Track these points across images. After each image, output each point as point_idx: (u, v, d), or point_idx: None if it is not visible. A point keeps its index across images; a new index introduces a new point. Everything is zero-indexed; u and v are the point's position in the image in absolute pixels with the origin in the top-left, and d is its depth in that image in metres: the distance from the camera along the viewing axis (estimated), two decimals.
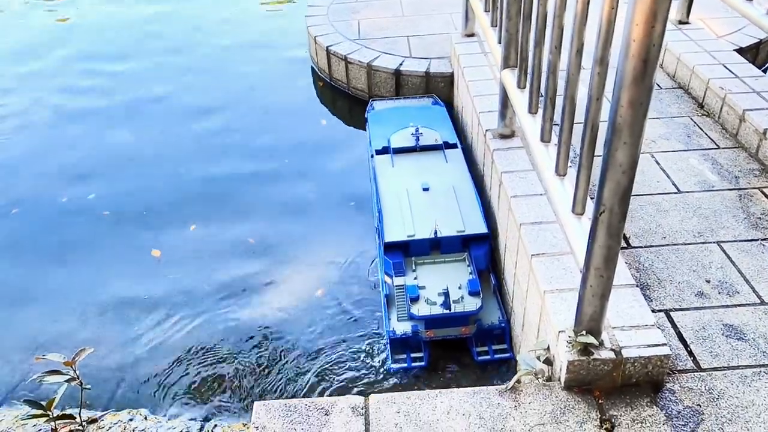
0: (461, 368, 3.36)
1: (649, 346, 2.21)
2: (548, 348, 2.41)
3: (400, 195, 3.85)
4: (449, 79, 5.35)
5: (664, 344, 2.22)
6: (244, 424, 2.87)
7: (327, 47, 5.93)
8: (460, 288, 3.35)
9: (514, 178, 3.23)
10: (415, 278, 3.44)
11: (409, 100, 5.14)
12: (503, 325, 3.37)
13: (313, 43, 6.21)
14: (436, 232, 3.52)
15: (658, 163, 3.56)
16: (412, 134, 4.34)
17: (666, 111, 4.07)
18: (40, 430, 2.71)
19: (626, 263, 2.77)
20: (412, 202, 3.78)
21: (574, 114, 2.22)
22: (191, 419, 2.95)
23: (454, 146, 4.34)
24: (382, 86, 5.62)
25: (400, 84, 5.52)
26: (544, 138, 2.60)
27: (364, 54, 5.70)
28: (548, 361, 2.37)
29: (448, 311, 3.22)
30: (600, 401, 2.20)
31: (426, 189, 3.87)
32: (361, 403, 2.20)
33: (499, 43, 3.30)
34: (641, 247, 2.96)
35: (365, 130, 5.03)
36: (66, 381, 2.52)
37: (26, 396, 3.11)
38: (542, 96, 2.62)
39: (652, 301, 2.65)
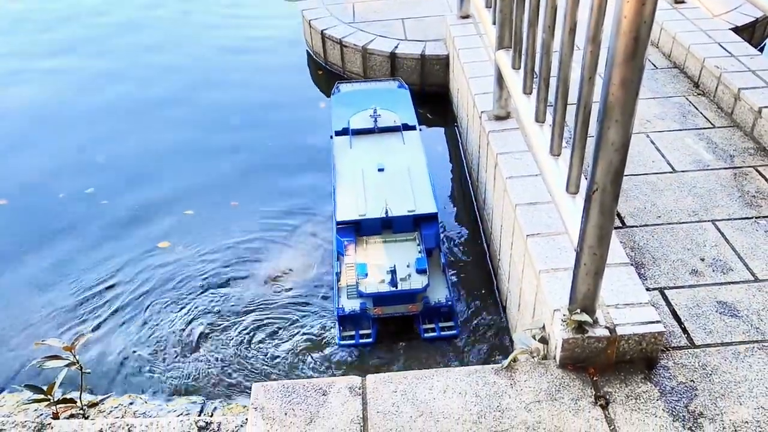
0: (408, 344, 3.43)
1: (643, 323, 2.23)
2: (543, 327, 2.43)
3: (355, 175, 3.90)
4: (445, 62, 5.35)
5: (658, 321, 2.24)
6: (244, 406, 2.90)
7: (322, 31, 5.91)
8: (408, 266, 3.43)
9: (509, 159, 3.24)
10: (365, 256, 3.50)
11: (375, 83, 5.17)
12: (450, 302, 3.45)
13: (308, 27, 6.19)
14: (387, 212, 3.58)
15: (653, 143, 3.57)
16: (371, 116, 4.37)
17: (661, 91, 4.08)
18: (42, 414, 2.73)
19: (621, 242, 2.78)
20: (366, 182, 3.83)
21: (568, 94, 2.23)
22: (191, 402, 2.98)
23: (412, 128, 4.38)
24: (377, 69, 5.61)
25: (395, 67, 5.52)
26: (539, 118, 2.60)
27: (359, 37, 5.69)
28: (543, 340, 2.39)
29: (394, 289, 3.30)
30: (595, 378, 2.22)
31: (381, 170, 3.92)
32: (358, 383, 2.22)
33: (494, 24, 3.30)
34: (636, 226, 2.98)
35: None
36: (66, 366, 2.53)
37: (26, 381, 3.13)
38: (536, 76, 2.62)
39: (646, 279, 2.67)
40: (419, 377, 2.25)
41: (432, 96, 5.53)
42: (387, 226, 3.63)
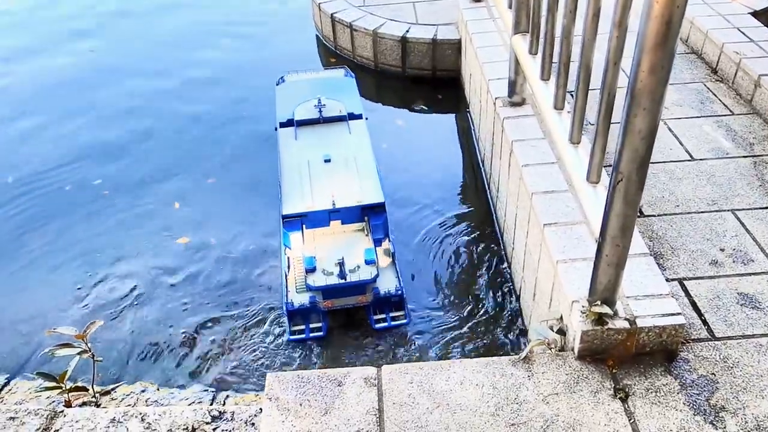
0: (360, 336, 3.42)
1: (663, 315, 2.19)
2: (561, 318, 2.40)
3: (301, 167, 3.86)
4: (457, 46, 5.27)
5: (679, 314, 2.20)
6: (256, 395, 2.88)
7: (331, 14, 5.84)
8: (356, 258, 3.40)
9: (525, 147, 3.19)
10: (313, 249, 3.47)
11: (320, 72, 5.10)
12: (400, 292, 3.42)
13: (318, 10, 6.12)
14: (333, 203, 3.55)
15: (670, 130, 3.51)
16: (315, 106, 4.32)
17: (678, 77, 4.01)
18: (54, 401, 2.72)
19: (639, 232, 2.73)
20: (313, 174, 3.79)
21: (590, 80, 2.18)
22: (203, 390, 2.96)
23: (359, 117, 4.32)
24: (388, 54, 5.55)
25: (406, 51, 5.45)
26: (558, 105, 2.55)
27: (369, 21, 5.61)
28: (561, 331, 2.36)
29: (343, 281, 3.28)
30: (614, 371, 2.18)
31: (327, 161, 3.88)
32: (373, 373, 2.19)
33: (510, 8, 3.24)
34: (654, 215, 2.93)
35: (371, 100, 4.99)
36: (78, 354, 2.51)
37: (37, 368, 3.12)
38: (555, 62, 2.57)
39: (665, 270, 2.62)
40: (435, 368, 2.21)
41: (443, 81, 5.47)
42: (334, 218, 3.60)
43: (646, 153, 1.71)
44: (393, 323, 3.40)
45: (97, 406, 2.59)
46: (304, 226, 3.56)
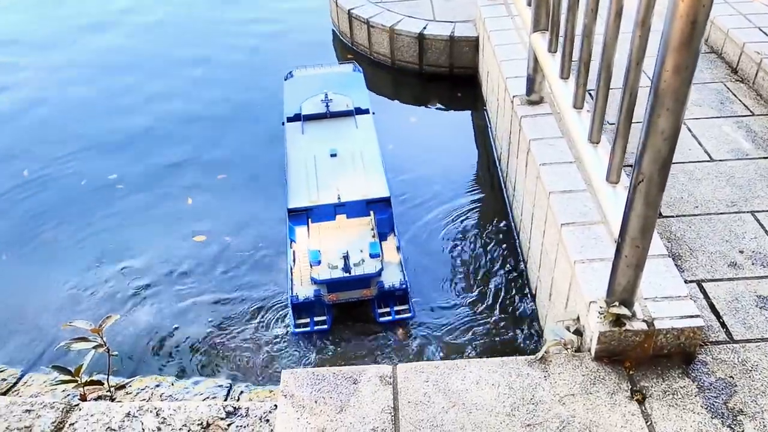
0: (364, 329, 3.43)
1: (682, 317, 2.17)
2: (578, 318, 2.38)
3: (308, 161, 3.88)
4: (474, 44, 5.25)
5: (698, 316, 2.18)
6: (271, 391, 2.88)
7: (348, 10, 5.83)
8: (361, 251, 3.40)
9: (542, 146, 3.17)
10: (318, 243, 3.48)
11: (329, 68, 5.11)
12: (404, 286, 3.42)
13: (334, 6, 6.12)
14: (339, 197, 3.58)
15: (690, 131, 3.48)
16: (322, 100, 4.32)
17: (698, 76, 3.97)
18: (69, 395, 2.73)
19: (658, 233, 2.71)
20: (319, 168, 3.81)
21: (611, 80, 2.16)
22: (218, 386, 2.96)
23: (365, 112, 4.33)
24: (404, 51, 5.54)
25: (423, 48, 5.44)
26: (577, 104, 2.53)
27: (386, 17, 5.61)
28: (578, 332, 2.34)
29: (347, 274, 3.29)
30: (631, 372, 2.17)
31: (333, 155, 3.90)
32: (389, 372, 2.18)
33: (529, 5, 3.22)
34: (673, 216, 2.90)
35: (387, 97, 4.98)
36: (93, 348, 2.52)
37: (53, 362, 3.14)
38: (574, 61, 2.55)
39: (684, 271, 2.60)
40: (451, 367, 2.20)
41: (461, 79, 5.45)
42: (340, 212, 3.61)
43: (669, 154, 1.69)
44: (397, 317, 3.41)
45: (112, 400, 2.61)
46: (309, 219, 3.58)
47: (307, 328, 3.36)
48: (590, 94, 2.78)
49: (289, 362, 3.24)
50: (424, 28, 5.40)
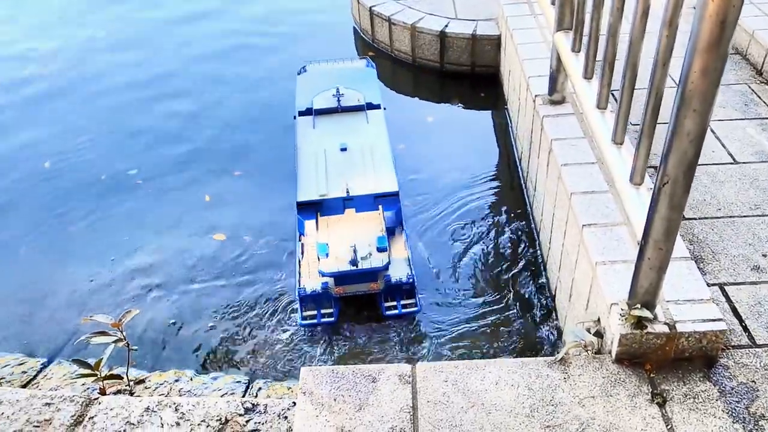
0: (369, 322, 3.46)
1: (704, 320, 2.15)
2: (598, 320, 2.37)
3: (318, 155, 3.90)
4: (496, 42, 5.23)
5: (720, 319, 2.16)
6: (289, 388, 2.89)
7: (370, 7, 5.83)
8: (369, 245, 3.41)
9: (564, 146, 3.15)
10: (327, 236, 3.50)
11: (342, 63, 5.11)
12: (411, 280, 3.42)
13: (356, 3, 6.11)
14: (348, 191, 3.60)
15: (713, 132, 3.44)
16: (334, 95, 4.33)
17: (722, 78, 3.91)
18: (88, 388, 2.75)
19: (680, 235, 2.68)
20: (329, 162, 3.84)
21: (636, 80, 2.14)
22: (236, 381, 2.98)
23: (377, 107, 4.33)
24: (426, 49, 5.53)
25: (444, 46, 5.42)
26: (601, 105, 2.51)
27: (407, 15, 5.60)
28: (598, 334, 2.33)
29: (355, 267, 3.30)
30: (651, 375, 2.15)
31: (344, 149, 3.92)
32: (408, 371, 2.18)
33: (552, 4, 3.20)
34: (695, 218, 2.88)
35: (407, 94, 4.97)
36: (113, 342, 2.54)
37: (73, 355, 3.17)
38: (598, 60, 2.53)
39: (706, 274, 2.57)
40: (470, 367, 2.20)
41: (482, 78, 5.43)
42: (349, 206, 3.64)
43: (695, 156, 1.67)
44: (403, 311, 3.42)
45: (131, 394, 2.63)
46: (318, 213, 3.61)
47: (314, 320, 3.39)
48: (612, 94, 2.76)
49: (302, 357, 3.25)
50: (446, 26, 5.38)
